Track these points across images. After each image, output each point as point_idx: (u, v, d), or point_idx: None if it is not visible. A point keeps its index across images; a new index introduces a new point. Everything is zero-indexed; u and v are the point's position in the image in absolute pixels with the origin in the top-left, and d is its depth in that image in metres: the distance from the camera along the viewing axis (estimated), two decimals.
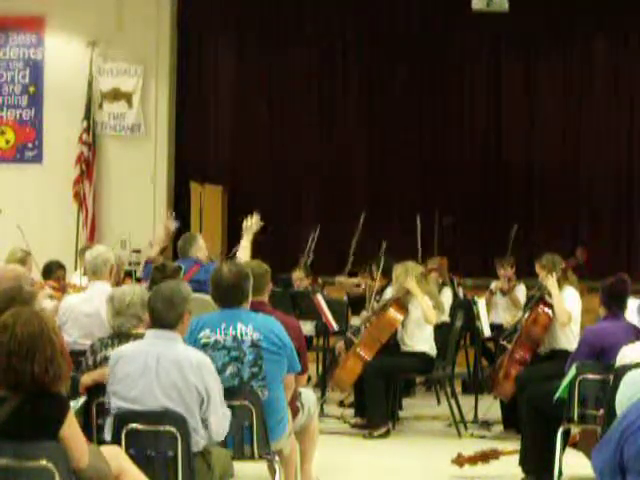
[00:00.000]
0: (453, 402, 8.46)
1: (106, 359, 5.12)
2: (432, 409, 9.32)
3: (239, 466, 5.24)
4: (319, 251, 11.23)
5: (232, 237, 13.77)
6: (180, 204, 13.35)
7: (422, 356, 8.39)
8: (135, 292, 5.49)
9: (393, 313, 8.38)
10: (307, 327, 9.11)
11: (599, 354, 6.18)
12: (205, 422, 4.70)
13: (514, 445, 6.85)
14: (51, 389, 3.86)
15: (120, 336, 5.30)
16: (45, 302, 7.11)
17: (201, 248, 8.71)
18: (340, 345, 9.38)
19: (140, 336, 5.19)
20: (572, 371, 6.13)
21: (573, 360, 6.32)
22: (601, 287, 6.53)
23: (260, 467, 5.71)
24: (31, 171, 13.24)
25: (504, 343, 8.25)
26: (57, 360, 3.88)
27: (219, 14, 13.82)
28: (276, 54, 13.81)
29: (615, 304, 6.44)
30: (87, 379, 5.18)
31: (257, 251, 7.95)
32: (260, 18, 13.85)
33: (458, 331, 8.97)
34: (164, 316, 4.77)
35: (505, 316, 10.02)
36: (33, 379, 3.81)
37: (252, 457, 5.22)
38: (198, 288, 7.32)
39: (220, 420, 4.76)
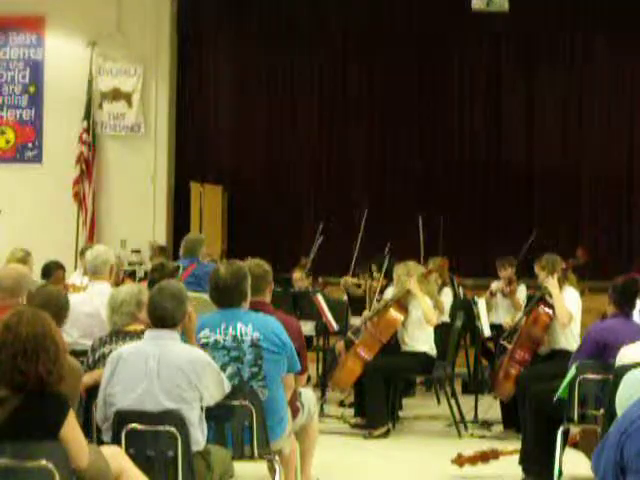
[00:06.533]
0: (453, 402, 8.46)
1: (104, 356, 5.14)
2: (432, 409, 9.31)
3: (239, 466, 5.24)
4: (320, 251, 11.22)
5: (232, 237, 13.81)
6: (180, 204, 13.36)
7: (422, 356, 8.39)
8: (129, 291, 5.52)
9: (394, 313, 8.38)
10: (307, 327, 9.10)
11: (602, 351, 6.17)
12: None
13: (514, 445, 6.85)
14: (52, 389, 3.86)
15: (117, 333, 5.35)
16: None
17: (204, 253, 8.99)
18: (340, 345, 9.38)
19: (136, 332, 5.21)
20: (572, 371, 6.13)
21: (577, 357, 6.32)
22: (612, 286, 6.50)
23: (260, 467, 5.72)
24: (31, 171, 13.25)
25: (504, 343, 8.25)
26: (60, 360, 3.88)
27: (219, 14, 13.82)
28: (276, 53, 13.81)
29: (626, 303, 6.43)
30: (87, 379, 5.18)
31: (257, 251, 7.94)
32: (259, 18, 13.86)
33: (458, 331, 8.97)
34: (171, 315, 4.78)
35: (505, 317, 10.02)
36: (37, 379, 3.81)
37: (252, 457, 5.21)
38: (194, 282, 7.36)
39: (216, 393, 4.82)
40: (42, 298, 5.25)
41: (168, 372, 4.64)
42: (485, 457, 6.68)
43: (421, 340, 8.41)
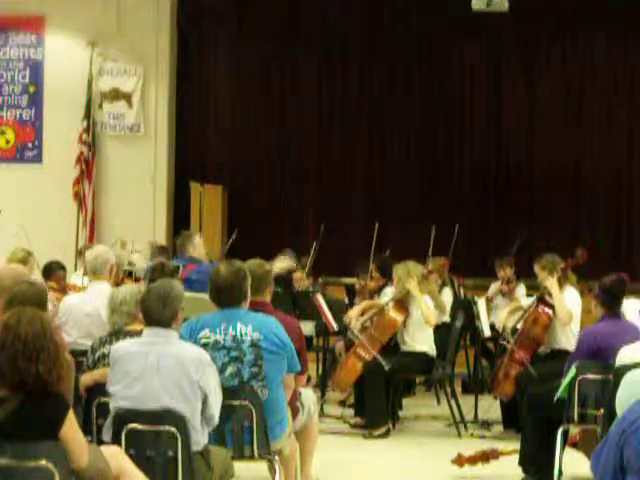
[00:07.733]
0: (453, 402, 8.46)
1: (104, 356, 5.15)
2: (432, 409, 9.32)
3: (239, 466, 5.24)
4: (320, 252, 11.20)
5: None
6: (180, 204, 13.36)
7: (422, 356, 8.39)
8: (129, 291, 5.54)
9: (394, 313, 8.39)
10: (307, 327, 9.10)
11: (596, 355, 6.17)
12: (208, 418, 4.72)
13: (514, 445, 6.85)
14: (52, 389, 3.86)
15: (117, 333, 5.36)
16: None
17: (197, 246, 8.81)
18: (340, 345, 9.39)
19: (134, 332, 5.22)
20: (572, 371, 6.13)
21: (572, 362, 6.31)
22: (600, 286, 6.47)
23: (260, 467, 5.72)
24: (31, 171, 13.24)
25: (504, 343, 8.25)
26: (60, 360, 3.88)
27: (219, 14, 13.82)
28: (276, 53, 13.80)
29: (615, 304, 6.42)
30: (87, 379, 5.19)
31: (258, 251, 7.94)
32: (260, 18, 13.84)
33: (458, 331, 8.97)
34: (158, 314, 4.78)
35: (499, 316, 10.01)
36: (37, 379, 3.81)
37: (252, 457, 5.21)
38: (188, 287, 7.35)
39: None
40: (14, 293, 5.14)
41: (168, 369, 4.64)
42: (485, 457, 6.68)
43: (421, 340, 8.42)
